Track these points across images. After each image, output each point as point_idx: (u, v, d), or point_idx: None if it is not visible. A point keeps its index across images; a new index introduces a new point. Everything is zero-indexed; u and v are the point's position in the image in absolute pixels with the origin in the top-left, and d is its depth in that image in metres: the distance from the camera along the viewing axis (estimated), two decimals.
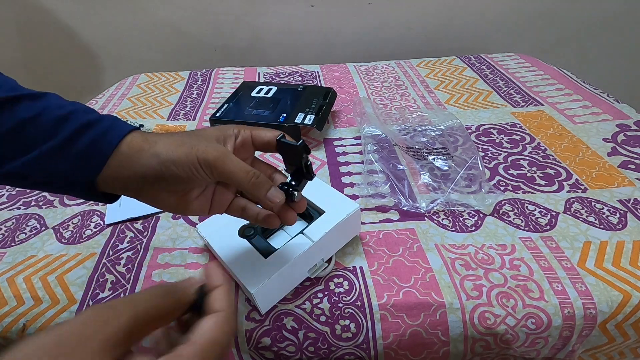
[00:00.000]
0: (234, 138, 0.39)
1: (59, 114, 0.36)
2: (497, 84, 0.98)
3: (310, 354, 0.46)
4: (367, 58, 1.22)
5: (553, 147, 0.73)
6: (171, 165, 0.35)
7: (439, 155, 0.68)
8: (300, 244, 0.46)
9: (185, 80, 1.09)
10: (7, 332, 0.48)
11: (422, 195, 0.62)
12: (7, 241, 0.59)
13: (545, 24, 1.34)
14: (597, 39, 1.38)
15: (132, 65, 1.34)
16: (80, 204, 0.65)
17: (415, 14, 1.29)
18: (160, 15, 1.28)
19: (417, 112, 0.84)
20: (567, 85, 0.95)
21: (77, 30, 1.32)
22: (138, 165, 0.35)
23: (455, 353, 0.47)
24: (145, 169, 0.35)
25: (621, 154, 0.70)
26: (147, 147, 0.35)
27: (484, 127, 0.81)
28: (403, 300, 0.47)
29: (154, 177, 0.35)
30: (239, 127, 0.40)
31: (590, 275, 0.49)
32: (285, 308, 0.47)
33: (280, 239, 0.48)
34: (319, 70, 1.12)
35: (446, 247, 0.54)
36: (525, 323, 0.46)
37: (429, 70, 1.08)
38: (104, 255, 0.55)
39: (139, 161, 0.35)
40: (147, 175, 0.35)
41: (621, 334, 0.48)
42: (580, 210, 0.59)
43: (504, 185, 0.64)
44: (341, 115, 0.88)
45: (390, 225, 0.57)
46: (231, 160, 0.35)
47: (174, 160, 0.34)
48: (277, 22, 1.29)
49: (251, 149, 0.40)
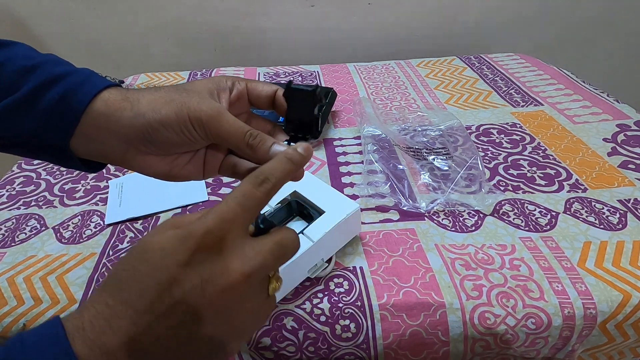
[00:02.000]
0: (228, 92, 0.34)
1: (24, 64, 0.31)
2: (497, 84, 0.98)
3: (310, 354, 0.46)
4: (367, 58, 1.22)
5: (553, 147, 0.73)
6: (159, 127, 0.30)
7: (439, 155, 0.68)
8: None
9: (185, 80, 1.09)
10: (8, 332, 0.48)
11: (422, 195, 0.62)
12: (7, 241, 0.59)
13: (545, 24, 1.34)
14: (597, 39, 1.38)
15: (133, 65, 1.34)
16: (80, 204, 0.65)
17: (415, 14, 1.29)
18: (160, 15, 1.28)
19: (417, 112, 0.84)
20: (567, 85, 0.95)
21: (77, 30, 1.32)
22: (119, 127, 0.30)
23: (455, 353, 0.47)
24: (128, 130, 0.30)
25: (621, 154, 0.70)
26: (129, 106, 0.30)
27: (484, 127, 0.81)
28: (403, 300, 0.47)
29: (139, 141, 0.31)
30: (233, 79, 0.35)
31: (590, 275, 0.49)
32: (285, 308, 0.47)
33: None
34: (319, 70, 1.12)
35: (446, 247, 0.54)
36: (525, 323, 0.46)
37: (429, 70, 1.08)
38: (104, 255, 0.55)
39: (120, 122, 0.30)
40: (130, 138, 0.31)
41: (621, 334, 0.48)
42: (580, 210, 0.59)
43: (504, 185, 0.64)
44: (341, 115, 0.88)
45: (390, 225, 0.57)
46: (227, 120, 0.31)
47: (162, 121, 0.30)
48: (277, 22, 1.29)
49: (247, 104, 0.36)
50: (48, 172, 0.74)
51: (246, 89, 0.35)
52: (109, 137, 0.31)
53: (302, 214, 0.51)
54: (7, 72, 0.31)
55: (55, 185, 0.70)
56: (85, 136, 0.31)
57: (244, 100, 0.35)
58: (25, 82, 0.31)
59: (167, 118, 0.30)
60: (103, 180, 0.71)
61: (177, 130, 0.30)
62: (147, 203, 0.63)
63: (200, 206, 0.63)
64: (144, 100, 0.31)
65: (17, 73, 0.31)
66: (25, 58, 0.32)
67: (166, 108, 0.30)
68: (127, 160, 0.33)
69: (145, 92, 0.31)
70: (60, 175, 0.73)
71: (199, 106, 0.30)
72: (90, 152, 0.33)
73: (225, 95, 0.34)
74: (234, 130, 0.31)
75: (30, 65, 0.31)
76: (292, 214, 0.51)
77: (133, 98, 0.31)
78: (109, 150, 0.32)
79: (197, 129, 0.31)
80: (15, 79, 0.31)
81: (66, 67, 0.32)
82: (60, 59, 0.33)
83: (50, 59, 0.32)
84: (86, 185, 0.70)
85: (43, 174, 0.73)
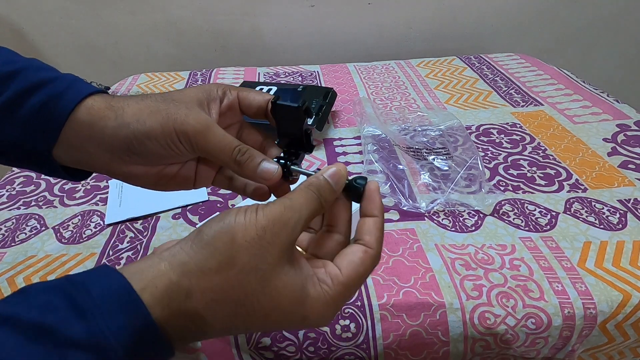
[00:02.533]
0: (218, 101, 0.33)
1: (5, 70, 0.30)
2: (497, 84, 0.98)
3: (310, 354, 0.46)
4: (367, 58, 1.22)
5: (553, 147, 0.73)
6: (144, 139, 0.29)
7: (439, 155, 0.68)
8: None
9: (186, 80, 1.09)
10: None
11: (422, 195, 0.62)
12: (7, 241, 0.59)
13: (545, 24, 1.34)
14: (597, 39, 1.38)
15: (132, 65, 1.34)
16: (81, 204, 0.65)
17: (415, 14, 1.29)
18: (160, 15, 1.28)
19: (417, 112, 0.84)
20: (567, 85, 0.95)
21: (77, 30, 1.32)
22: (103, 136, 0.29)
23: (455, 353, 0.47)
24: (111, 140, 0.29)
25: (621, 154, 0.70)
26: (113, 115, 0.29)
27: (484, 127, 0.81)
28: (403, 300, 0.47)
29: (123, 151, 0.30)
30: (224, 88, 0.33)
31: (590, 275, 0.49)
32: None
33: None
34: (319, 70, 1.12)
35: (446, 247, 0.54)
36: (525, 323, 0.46)
37: (429, 70, 1.08)
38: (104, 255, 0.55)
39: (104, 131, 0.29)
40: (114, 148, 0.30)
41: (621, 334, 0.48)
42: (580, 210, 0.59)
43: (504, 185, 0.64)
44: (341, 115, 0.88)
45: (390, 225, 0.57)
46: (214, 134, 0.29)
47: (146, 132, 0.29)
48: (277, 22, 1.29)
49: (238, 113, 0.34)
50: None
51: (237, 98, 0.33)
52: (92, 146, 0.30)
53: None
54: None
55: (55, 185, 0.70)
56: (68, 144, 0.30)
57: (235, 110, 0.34)
58: (5, 88, 0.30)
59: (151, 130, 0.29)
60: (103, 180, 0.71)
61: (162, 143, 0.29)
62: (147, 203, 0.63)
63: (200, 206, 0.63)
64: (129, 110, 0.29)
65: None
66: (6, 63, 0.31)
67: (151, 119, 0.29)
68: (112, 170, 0.32)
69: (131, 101, 0.30)
70: None
71: (186, 119, 0.29)
72: (74, 160, 0.32)
73: (216, 105, 0.32)
74: (222, 146, 0.30)
75: (10, 70, 0.30)
76: None
77: (118, 106, 0.30)
78: (93, 160, 0.31)
79: (183, 143, 0.30)
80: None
81: (49, 72, 0.31)
82: (43, 64, 0.32)
83: (33, 64, 0.31)
84: (86, 185, 0.70)
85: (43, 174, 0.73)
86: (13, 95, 0.29)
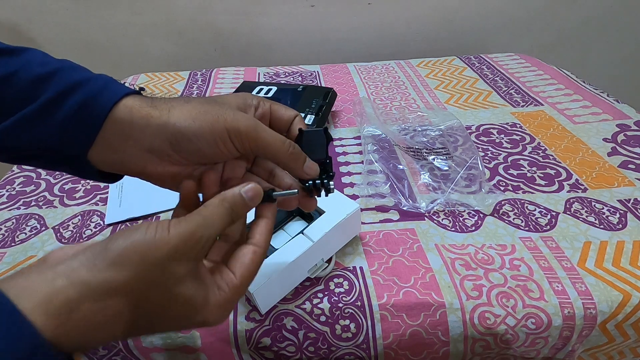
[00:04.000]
0: (254, 109, 0.34)
1: (40, 72, 0.30)
2: (497, 84, 0.98)
3: (310, 354, 0.46)
4: (367, 58, 1.22)
5: (553, 147, 0.73)
6: (192, 137, 0.30)
7: (439, 155, 0.68)
8: (300, 244, 0.46)
9: (186, 80, 1.09)
10: None
11: (422, 195, 0.62)
12: (7, 241, 0.59)
13: (545, 24, 1.34)
14: (597, 39, 1.38)
15: (132, 65, 1.34)
16: (80, 204, 0.65)
17: (415, 14, 1.29)
18: (160, 15, 1.28)
19: (417, 112, 0.84)
20: (567, 85, 0.95)
21: (76, 30, 1.32)
22: (144, 135, 0.30)
23: (455, 353, 0.47)
24: (153, 139, 0.30)
25: (621, 154, 0.70)
26: (157, 114, 0.30)
27: (484, 127, 0.81)
28: (403, 300, 0.47)
29: (164, 149, 0.30)
30: (258, 98, 0.35)
31: (590, 275, 0.49)
32: (285, 308, 0.47)
33: (280, 239, 0.48)
34: (319, 70, 1.12)
35: (446, 247, 0.54)
36: (525, 323, 0.46)
37: (429, 70, 1.08)
38: None
39: (146, 129, 0.30)
40: (155, 148, 0.30)
41: (621, 334, 0.48)
42: (580, 210, 0.59)
43: (504, 185, 0.64)
44: (341, 115, 0.88)
45: (390, 225, 0.57)
46: (264, 130, 0.31)
47: (196, 131, 0.30)
48: (277, 22, 1.29)
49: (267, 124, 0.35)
50: (48, 172, 0.74)
51: (269, 110, 0.35)
52: (130, 145, 0.30)
53: (302, 213, 0.51)
54: (22, 80, 0.30)
55: (55, 185, 0.70)
56: (105, 145, 0.30)
57: (266, 120, 0.35)
58: (42, 91, 0.30)
59: (201, 129, 0.30)
60: None
61: (210, 141, 0.30)
62: (147, 203, 0.63)
63: None
64: (176, 111, 0.30)
65: (32, 82, 0.30)
66: (41, 65, 0.30)
67: (201, 119, 0.30)
68: (147, 170, 0.32)
69: (175, 102, 0.31)
70: (60, 175, 0.73)
71: (236, 118, 0.30)
72: (108, 162, 0.32)
73: (251, 112, 0.34)
74: (275, 140, 0.31)
75: (46, 72, 0.30)
76: (292, 213, 0.52)
77: (162, 107, 0.30)
78: (129, 159, 0.31)
79: (234, 141, 0.30)
80: (32, 88, 0.30)
81: (83, 73, 0.31)
82: (75, 65, 0.32)
83: (66, 65, 0.31)
84: (86, 185, 0.70)
85: (43, 174, 0.73)
86: (51, 97, 0.29)
